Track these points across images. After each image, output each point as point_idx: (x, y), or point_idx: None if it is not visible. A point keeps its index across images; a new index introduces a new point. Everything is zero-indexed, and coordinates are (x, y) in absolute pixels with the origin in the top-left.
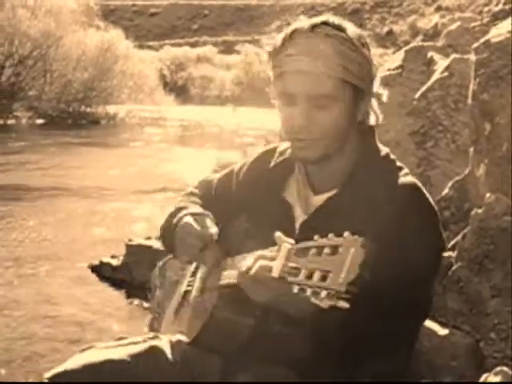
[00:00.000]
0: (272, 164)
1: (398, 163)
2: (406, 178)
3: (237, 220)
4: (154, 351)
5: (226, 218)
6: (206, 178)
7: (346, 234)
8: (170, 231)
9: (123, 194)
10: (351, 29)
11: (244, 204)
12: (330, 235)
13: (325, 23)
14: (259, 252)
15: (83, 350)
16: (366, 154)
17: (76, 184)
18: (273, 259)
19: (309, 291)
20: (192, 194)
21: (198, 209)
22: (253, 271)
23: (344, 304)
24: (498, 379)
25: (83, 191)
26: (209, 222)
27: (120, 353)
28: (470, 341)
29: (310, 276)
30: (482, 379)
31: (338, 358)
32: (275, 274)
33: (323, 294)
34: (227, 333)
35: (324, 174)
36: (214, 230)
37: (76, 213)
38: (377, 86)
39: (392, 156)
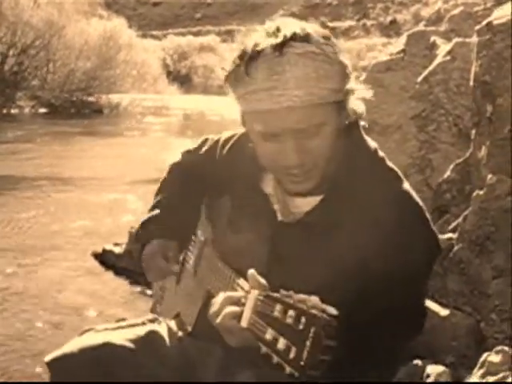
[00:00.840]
0: (252, 149)
1: (388, 163)
2: (397, 185)
3: (221, 201)
4: (153, 335)
5: (210, 192)
6: (189, 149)
7: (313, 299)
8: (139, 241)
9: (115, 184)
10: (315, 33)
11: (225, 183)
12: (296, 296)
13: (291, 38)
14: (227, 293)
15: (83, 333)
16: (354, 154)
17: (67, 174)
18: (240, 303)
19: (275, 359)
20: (174, 179)
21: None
22: (219, 319)
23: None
24: (498, 358)
25: (74, 181)
26: (171, 253)
27: (119, 336)
28: (470, 321)
29: (275, 340)
30: (482, 358)
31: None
32: (243, 324)
33: (288, 370)
34: None
35: None
36: (175, 269)
37: (66, 203)
38: (353, 83)
39: (381, 153)
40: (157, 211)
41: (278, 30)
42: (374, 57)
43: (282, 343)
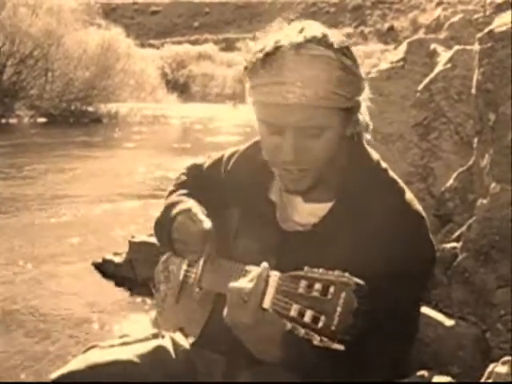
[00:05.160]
0: (260, 159)
1: (391, 173)
2: (400, 196)
3: (227, 212)
4: (159, 351)
5: (215, 206)
6: (196, 163)
7: (337, 272)
8: (164, 229)
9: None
10: (336, 40)
11: (232, 197)
12: (322, 270)
13: (310, 40)
14: (241, 285)
15: (87, 350)
16: (358, 165)
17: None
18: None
19: (302, 331)
20: (183, 182)
21: (189, 203)
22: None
23: (339, 346)
24: (505, 369)
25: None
26: (202, 216)
27: (125, 353)
28: (476, 331)
29: (301, 314)
30: (489, 369)
31: None
32: (266, 305)
33: (316, 339)
34: (225, 332)
35: None
36: (208, 224)
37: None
38: (366, 96)
39: (383, 164)
40: (176, 197)
41: (302, 30)
42: (372, 64)
43: (308, 316)
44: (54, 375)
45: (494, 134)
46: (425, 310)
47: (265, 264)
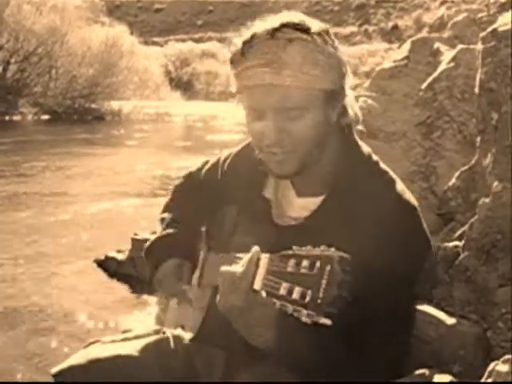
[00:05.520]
0: (254, 159)
1: (382, 165)
2: (392, 187)
3: (225, 210)
4: (160, 347)
5: (213, 208)
6: (191, 171)
7: (322, 247)
8: (151, 262)
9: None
10: (314, 26)
11: (229, 196)
12: (309, 247)
13: (285, 25)
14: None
15: (88, 345)
16: (350, 158)
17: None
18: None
19: (290, 308)
20: (178, 198)
21: (183, 259)
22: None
23: (326, 321)
24: (506, 368)
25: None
26: (185, 274)
27: (126, 348)
28: (477, 330)
29: (290, 291)
30: (490, 368)
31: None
32: (257, 286)
33: (304, 314)
34: (223, 327)
35: (306, 176)
36: (185, 287)
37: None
38: (349, 84)
39: (375, 157)
40: (167, 231)
41: (279, 18)
42: (376, 62)
43: (296, 292)
44: (54, 370)
45: (496, 133)
46: (426, 308)
47: (256, 248)
